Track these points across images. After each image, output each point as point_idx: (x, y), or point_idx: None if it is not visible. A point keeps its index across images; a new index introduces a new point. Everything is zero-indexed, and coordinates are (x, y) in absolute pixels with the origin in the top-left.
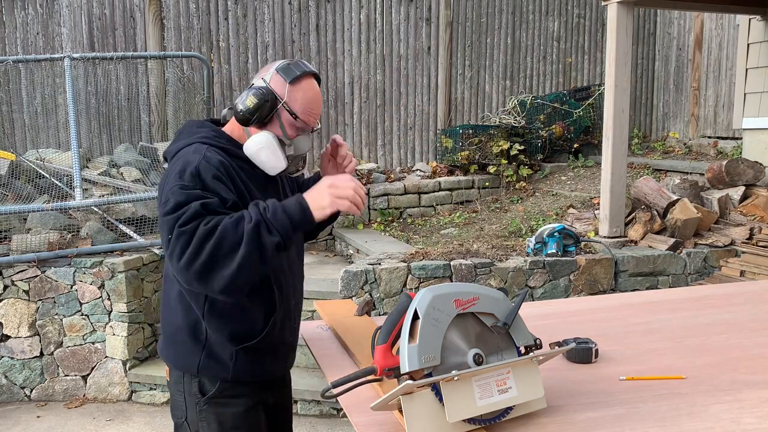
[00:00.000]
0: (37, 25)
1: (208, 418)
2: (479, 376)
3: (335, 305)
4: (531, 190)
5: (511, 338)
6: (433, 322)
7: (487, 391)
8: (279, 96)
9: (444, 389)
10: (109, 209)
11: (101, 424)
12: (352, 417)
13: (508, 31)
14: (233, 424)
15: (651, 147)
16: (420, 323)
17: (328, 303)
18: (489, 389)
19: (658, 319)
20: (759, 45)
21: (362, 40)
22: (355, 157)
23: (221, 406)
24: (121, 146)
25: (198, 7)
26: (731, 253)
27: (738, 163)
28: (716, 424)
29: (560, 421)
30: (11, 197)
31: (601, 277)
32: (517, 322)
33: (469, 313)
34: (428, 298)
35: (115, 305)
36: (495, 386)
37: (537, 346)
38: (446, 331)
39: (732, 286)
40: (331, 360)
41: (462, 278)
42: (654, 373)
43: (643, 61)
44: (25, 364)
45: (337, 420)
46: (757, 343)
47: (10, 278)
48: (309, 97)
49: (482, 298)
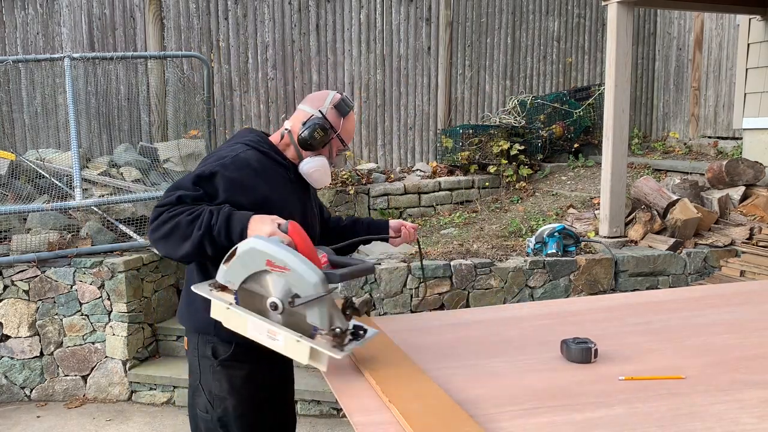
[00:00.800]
0: (37, 25)
1: (221, 378)
2: (253, 318)
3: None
4: (531, 190)
5: (302, 314)
6: (242, 263)
7: (259, 329)
8: (335, 128)
9: (234, 308)
10: (109, 209)
11: (101, 424)
12: (352, 417)
13: (508, 31)
14: (242, 383)
15: (651, 147)
16: (233, 258)
17: None
18: (261, 330)
19: (658, 319)
20: (759, 45)
21: (362, 40)
22: (355, 156)
23: (232, 369)
24: (121, 146)
25: (198, 7)
26: (731, 253)
27: (738, 163)
28: (716, 424)
29: (560, 422)
30: (11, 197)
31: (601, 277)
32: (315, 306)
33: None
34: (247, 247)
35: (115, 305)
36: (267, 332)
37: (334, 332)
38: (253, 273)
39: (732, 286)
40: (330, 360)
41: (462, 278)
42: (653, 373)
43: (643, 61)
44: (25, 364)
45: (337, 420)
46: (757, 343)
47: (10, 278)
48: (352, 128)
49: (293, 273)
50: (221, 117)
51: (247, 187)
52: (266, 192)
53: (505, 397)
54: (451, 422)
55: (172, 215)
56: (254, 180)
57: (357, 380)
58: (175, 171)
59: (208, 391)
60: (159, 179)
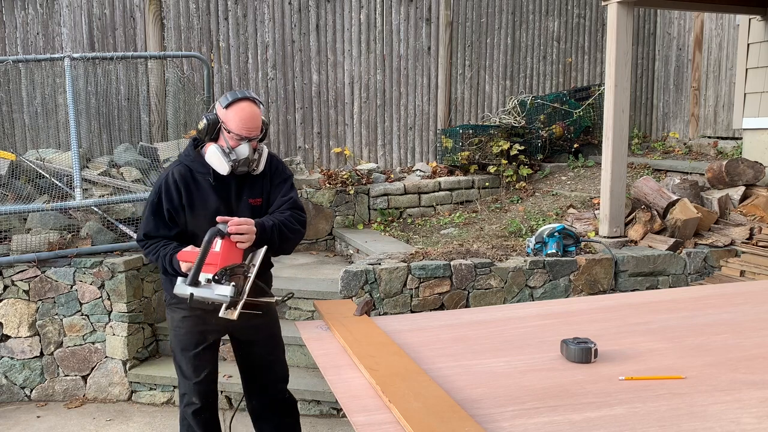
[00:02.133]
0: (37, 25)
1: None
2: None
3: (335, 305)
4: (531, 190)
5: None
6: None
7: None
8: (219, 118)
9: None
10: (109, 209)
11: (101, 424)
12: (352, 417)
13: (508, 31)
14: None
15: (651, 147)
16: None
17: (327, 303)
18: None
19: (658, 319)
20: (759, 45)
21: (362, 40)
22: (355, 157)
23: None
24: (121, 146)
25: (198, 7)
26: (731, 253)
27: (738, 163)
28: (716, 424)
29: (560, 421)
30: (11, 197)
31: (601, 277)
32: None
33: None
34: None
35: (115, 305)
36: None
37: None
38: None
39: (732, 286)
40: (330, 360)
41: (462, 278)
42: (653, 373)
43: (643, 61)
44: (25, 364)
45: (337, 420)
46: (756, 343)
47: (10, 278)
48: (240, 117)
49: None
50: None
51: (173, 198)
52: (184, 200)
53: (505, 397)
54: (451, 422)
55: (147, 251)
56: (177, 193)
57: (357, 380)
58: None
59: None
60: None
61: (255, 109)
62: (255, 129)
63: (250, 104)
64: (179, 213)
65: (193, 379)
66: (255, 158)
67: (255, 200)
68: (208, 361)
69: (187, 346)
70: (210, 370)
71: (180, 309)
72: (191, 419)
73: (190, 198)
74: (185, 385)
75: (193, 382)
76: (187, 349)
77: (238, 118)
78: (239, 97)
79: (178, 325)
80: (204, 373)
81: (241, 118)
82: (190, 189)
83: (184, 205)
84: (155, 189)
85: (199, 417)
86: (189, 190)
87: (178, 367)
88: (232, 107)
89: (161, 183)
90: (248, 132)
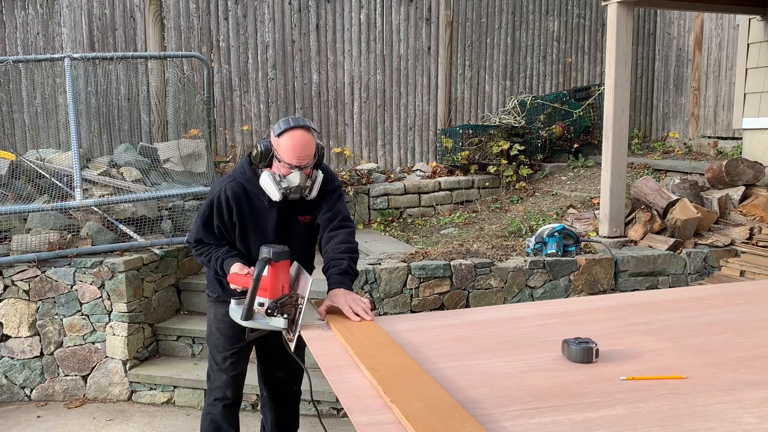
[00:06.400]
0: (37, 25)
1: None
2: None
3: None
4: (531, 190)
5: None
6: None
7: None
8: (272, 145)
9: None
10: (109, 209)
11: (101, 424)
12: (352, 417)
13: (508, 31)
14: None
15: (651, 147)
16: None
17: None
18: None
19: (658, 319)
20: (759, 45)
21: (362, 40)
22: (355, 157)
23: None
24: (121, 146)
25: (198, 7)
26: (731, 253)
27: (738, 163)
28: (717, 424)
29: (560, 421)
30: (11, 197)
31: (601, 277)
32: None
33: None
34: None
35: (115, 305)
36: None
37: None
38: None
39: (732, 286)
40: (331, 360)
41: (462, 278)
42: (654, 373)
43: (643, 61)
44: (25, 364)
45: (337, 420)
46: (758, 343)
47: (10, 278)
48: (290, 146)
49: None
50: (221, 117)
51: (223, 215)
52: (235, 217)
53: (506, 397)
54: (452, 422)
55: (198, 253)
56: (227, 211)
57: (359, 380)
58: (175, 171)
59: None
60: (159, 179)
61: (307, 137)
62: (306, 157)
63: (301, 132)
64: (228, 229)
65: (229, 372)
66: (308, 185)
67: (305, 218)
68: (245, 357)
69: (229, 341)
70: (245, 366)
71: (227, 304)
72: (220, 413)
73: (241, 216)
74: (219, 378)
75: (229, 375)
76: (229, 344)
77: (288, 147)
78: (292, 125)
79: (222, 320)
80: (240, 368)
81: (291, 147)
82: (242, 207)
83: (234, 222)
84: (207, 201)
85: (229, 410)
86: (241, 209)
87: (214, 361)
88: (284, 135)
89: (213, 198)
90: (299, 161)
